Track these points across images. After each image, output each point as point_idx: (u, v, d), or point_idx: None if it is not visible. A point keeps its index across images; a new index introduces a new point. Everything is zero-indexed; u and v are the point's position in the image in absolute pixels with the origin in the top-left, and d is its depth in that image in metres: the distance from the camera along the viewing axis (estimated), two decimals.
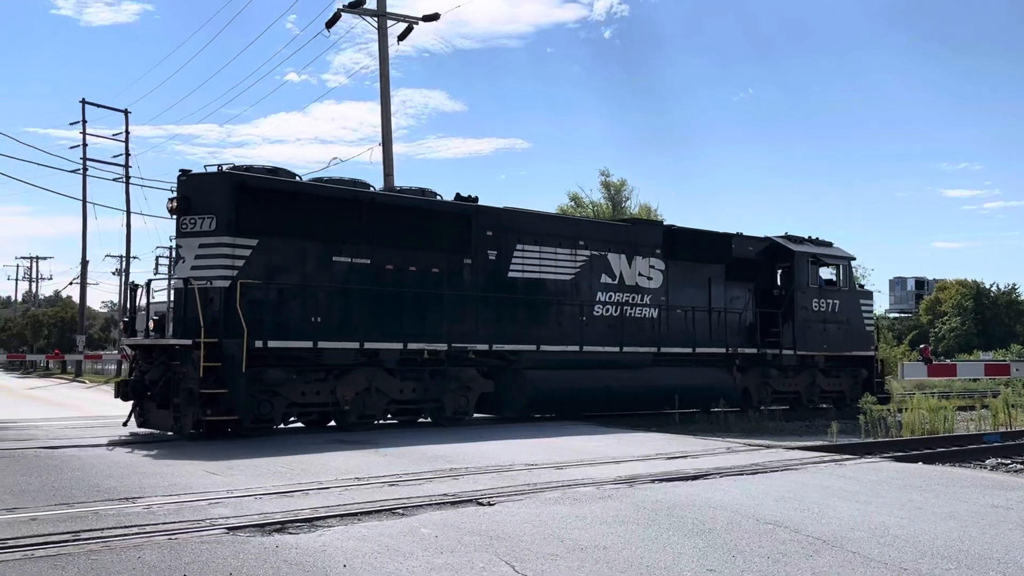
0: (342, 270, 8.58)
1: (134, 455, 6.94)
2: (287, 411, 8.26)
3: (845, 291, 12.74)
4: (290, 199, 8.55)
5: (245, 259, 7.83)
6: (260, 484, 5.13)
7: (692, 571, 3.01)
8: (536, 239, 10.08)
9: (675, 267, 11.25)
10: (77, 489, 4.99)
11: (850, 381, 12.85)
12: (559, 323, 10.15)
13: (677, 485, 5.39)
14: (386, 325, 8.63)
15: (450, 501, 4.46)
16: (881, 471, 6.57)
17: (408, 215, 9.22)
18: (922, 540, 3.66)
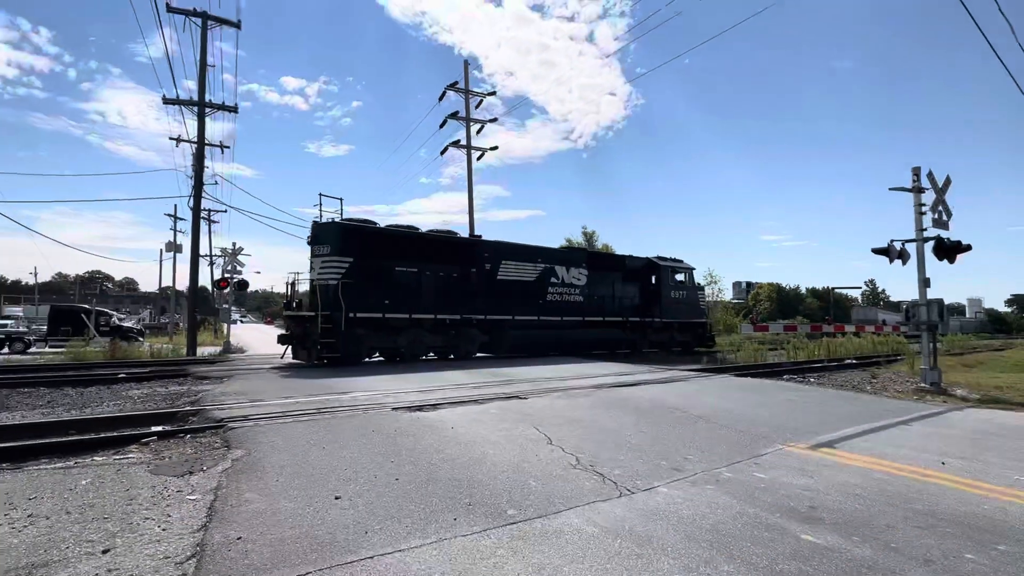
0: (401, 274, 14.12)
1: (335, 371, 12.40)
2: (370, 351, 13.88)
3: (689, 286, 21.18)
4: (371, 235, 14.06)
5: (346, 269, 13.12)
6: (407, 387, 8.62)
7: (631, 431, 5.96)
8: (514, 258, 16.64)
9: (594, 273, 18.52)
10: (316, 387, 8.03)
11: (691, 336, 21.39)
12: (527, 304, 16.65)
13: (623, 389, 8.90)
14: (424, 305, 14.32)
15: (505, 396, 7.76)
16: (729, 381, 10.61)
17: (439, 244, 15.30)
18: (751, 417, 6.67)
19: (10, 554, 2.77)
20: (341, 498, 3.57)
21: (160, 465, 4.38)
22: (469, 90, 25.90)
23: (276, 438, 5.17)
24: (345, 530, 3.07)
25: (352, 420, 6.08)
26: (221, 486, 3.80)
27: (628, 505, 3.57)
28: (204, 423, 5.86)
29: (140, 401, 8.09)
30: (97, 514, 3.31)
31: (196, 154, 19.16)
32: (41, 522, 3.19)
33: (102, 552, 2.78)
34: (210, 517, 3.24)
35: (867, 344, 23.50)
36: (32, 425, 5.89)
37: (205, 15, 18.86)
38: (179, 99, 19.07)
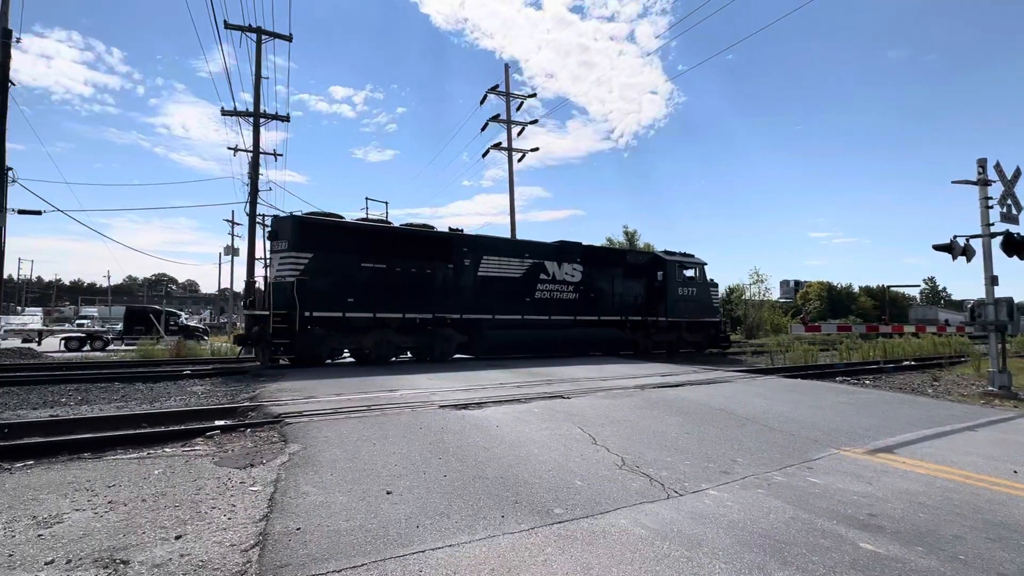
0: (368, 271, 13.25)
1: (383, 370, 12.84)
2: (332, 352, 13.11)
3: (700, 283, 19.66)
4: (333, 230, 13.11)
5: (304, 265, 12.42)
6: (453, 385, 8.81)
7: (676, 432, 5.86)
8: (497, 253, 15.62)
9: (590, 269, 17.43)
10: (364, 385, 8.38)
11: (703, 336, 19.92)
12: (511, 302, 15.55)
13: (667, 389, 8.78)
14: (393, 303, 13.49)
15: (548, 395, 7.79)
16: (777, 382, 10.21)
17: (411, 239, 14.25)
18: (803, 419, 6.49)
19: (93, 537, 3.00)
20: (392, 493, 3.69)
21: (224, 458, 4.63)
22: (510, 93, 26.04)
23: (329, 433, 5.37)
24: (397, 524, 3.17)
25: (400, 417, 6.24)
26: (280, 479, 3.99)
27: (676, 507, 3.54)
28: (262, 418, 6.14)
29: (203, 396, 8.53)
30: (169, 502, 3.53)
31: (252, 162, 20.03)
32: (120, 508, 3.44)
33: (175, 538, 2.98)
34: (271, 508, 3.40)
35: (927, 345, 22.24)
36: (110, 418, 6.33)
37: (259, 30, 19.69)
38: (236, 111, 19.98)
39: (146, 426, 6.03)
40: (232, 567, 2.64)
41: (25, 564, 2.67)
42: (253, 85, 19.80)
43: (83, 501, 3.56)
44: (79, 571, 2.61)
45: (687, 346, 19.63)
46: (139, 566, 2.64)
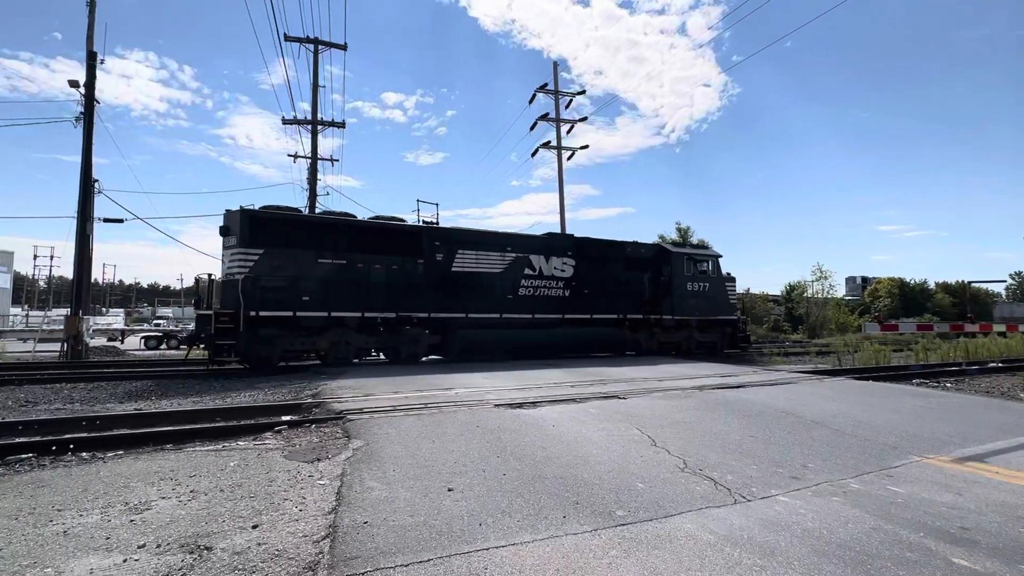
0: (326, 267, 12.46)
1: (435, 368, 13.14)
2: (285, 354, 12.21)
3: (714, 277, 17.97)
4: (286, 224, 12.38)
5: (255, 262, 11.72)
6: (507, 384, 8.92)
7: (740, 435, 5.62)
8: (474, 247, 14.48)
9: (584, 263, 16.04)
10: (420, 383, 8.61)
11: (719, 336, 18.17)
12: (490, 299, 14.43)
13: (727, 391, 8.49)
14: (352, 301, 12.61)
15: (603, 395, 7.70)
16: (847, 384, 9.61)
17: (375, 233, 13.37)
18: (878, 424, 6.10)
19: (179, 524, 3.19)
20: (454, 490, 3.73)
21: (292, 452, 4.83)
22: (558, 91, 25.93)
23: (390, 430, 5.50)
24: (460, 521, 3.20)
25: (457, 415, 6.32)
26: (345, 473, 4.11)
27: (745, 513, 3.41)
28: (326, 415, 6.37)
29: (269, 392, 8.95)
30: (245, 493, 3.71)
31: (310, 168, 20.87)
32: (201, 497, 3.64)
33: (252, 527, 3.12)
34: (339, 501, 3.52)
35: (1017, 345, 20.49)
36: (187, 412, 6.74)
37: (316, 41, 20.48)
38: (296, 119, 20.86)
39: (220, 420, 6.37)
40: (305, 557, 2.74)
41: (121, 547, 2.87)
42: (311, 94, 20.60)
43: (168, 490, 3.80)
44: (168, 555, 2.77)
45: (699, 347, 17.91)
46: (221, 552, 2.79)
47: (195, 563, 2.68)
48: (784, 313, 43.11)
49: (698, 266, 17.76)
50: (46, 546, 2.88)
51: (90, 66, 18.16)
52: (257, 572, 2.59)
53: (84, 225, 17.69)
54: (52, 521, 3.23)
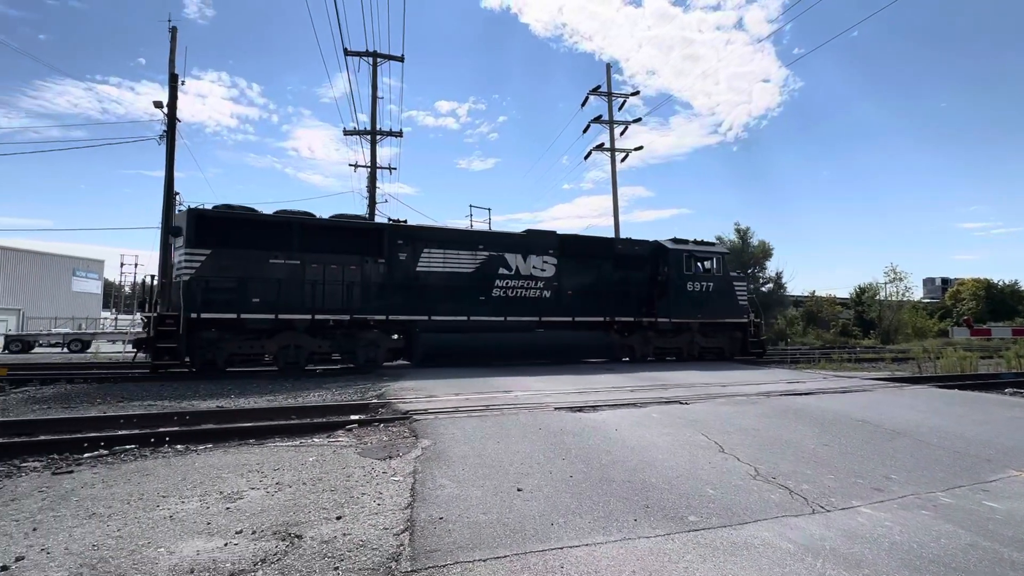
0: (278, 268, 11.94)
1: (492, 371, 13.07)
2: (233, 357, 11.80)
3: (720, 276, 16.37)
4: (236, 223, 11.91)
5: (201, 263, 11.35)
6: (565, 388, 8.98)
7: (813, 444, 5.38)
8: (441, 245, 13.63)
9: (567, 262, 14.87)
10: (480, 386, 8.84)
11: (727, 340, 16.60)
12: (458, 300, 13.49)
13: (796, 397, 8.15)
14: (304, 303, 12.04)
15: (664, 400, 7.60)
16: (929, 392, 8.95)
17: (332, 231, 12.71)
18: (967, 436, 5.68)
19: (270, 513, 3.41)
20: (523, 490, 3.80)
21: (365, 449, 5.04)
22: (611, 93, 25.73)
23: (455, 430, 5.64)
24: (532, 520, 3.26)
25: (518, 417, 6.40)
26: (417, 471, 4.26)
27: (825, 523, 3.29)
28: (392, 415, 6.60)
29: (337, 391, 9.34)
30: (326, 486, 3.92)
31: (370, 176, 21.65)
32: (286, 489, 3.87)
33: (336, 518, 3.30)
34: (413, 497, 3.65)
35: None
36: (265, 409, 7.15)
37: (375, 54, 21.26)
38: (356, 130, 21.72)
39: (295, 418, 6.73)
40: (388, 548, 2.88)
41: (220, 532, 3.11)
42: (370, 105, 21.39)
43: (256, 481, 4.06)
44: (263, 541, 2.98)
45: (704, 352, 16.50)
46: (311, 541, 2.97)
47: (288, 549, 2.87)
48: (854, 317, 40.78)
49: (701, 264, 16.31)
50: (156, 528, 3.16)
51: (172, 88, 19.58)
52: (345, 560, 2.74)
53: (167, 235, 19.07)
54: (159, 506, 3.53)
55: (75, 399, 8.59)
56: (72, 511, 3.46)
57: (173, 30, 19.48)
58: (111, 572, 2.62)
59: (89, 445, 5.09)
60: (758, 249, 35.80)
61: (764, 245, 36.09)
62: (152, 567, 2.67)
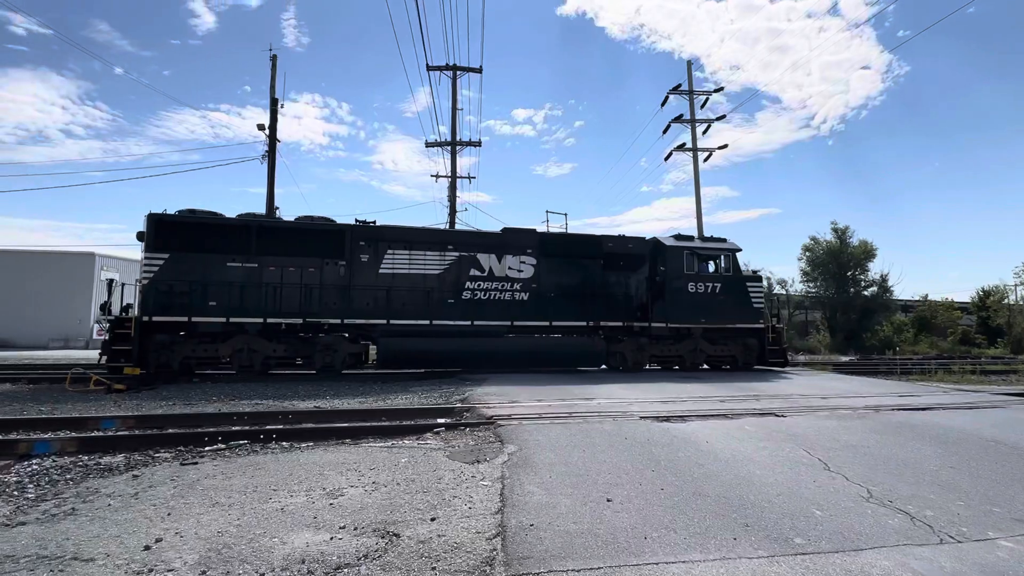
0: (235, 271, 11.87)
1: (573, 378, 12.94)
2: (188, 361, 11.72)
3: (729, 276, 14.55)
4: (193, 228, 11.91)
5: (159, 267, 11.48)
6: (649, 396, 8.83)
7: (935, 465, 4.82)
8: (407, 246, 12.98)
9: (548, 262, 13.77)
10: (561, 393, 8.94)
11: (740, 348, 14.65)
12: (424, 303, 12.79)
13: (912, 413, 7.40)
14: (259, 307, 11.86)
15: (759, 412, 7.20)
16: None
17: (291, 233, 12.49)
18: None
19: (369, 511, 3.58)
20: (612, 501, 3.73)
21: (453, 452, 5.18)
22: (692, 91, 24.90)
23: (540, 437, 5.65)
24: (624, 532, 3.19)
25: (603, 426, 6.30)
26: (505, 476, 4.31)
27: (956, 555, 2.96)
28: (477, 419, 6.73)
29: (422, 396, 9.68)
30: (418, 487, 4.06)
31: (450, 186, 22.33)
32: (382, 488, 4.06)
33: (430, 520, 3.41)
34: (503, 503, 3.70)
35: None
36: (357, 411, 7.54)
37: (455, 67, 21.96)
38: (437, 142, 22.51)
39: (385, 420, 7.04)
40: (481, 552, 2.93)
41: (326, 526, 3.31)
42: (451, 117, 22.07)
43: (355, 479, 4.29)
44: (364, 537, 3.14)
45: (714, 361, 14.96)
46: (408, 540, 3.08)
47: (388, 547, 3.00)
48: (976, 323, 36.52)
49: (705, 263, 14.61)
50: (270, 520, 3.42)
51: (272, 111, 21.27)
52: (441, 561, 2.82)
53: None
54: (271, 499, 3.82)
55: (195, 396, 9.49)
56: (198, 499, 3.82)
57: (273, 58, 21.18)
58: (234, 558, 2.86)
59: (209, 439, 5.61)
60: (858, 249, 32.99)
61: (866, 245, 33.24)
62: (268, 555, 2.89)
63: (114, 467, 4.73)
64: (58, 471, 4.60)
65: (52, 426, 6.34)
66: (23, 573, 2.70)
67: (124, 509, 3.64)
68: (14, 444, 5.14)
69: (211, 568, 2.74)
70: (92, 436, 5.61)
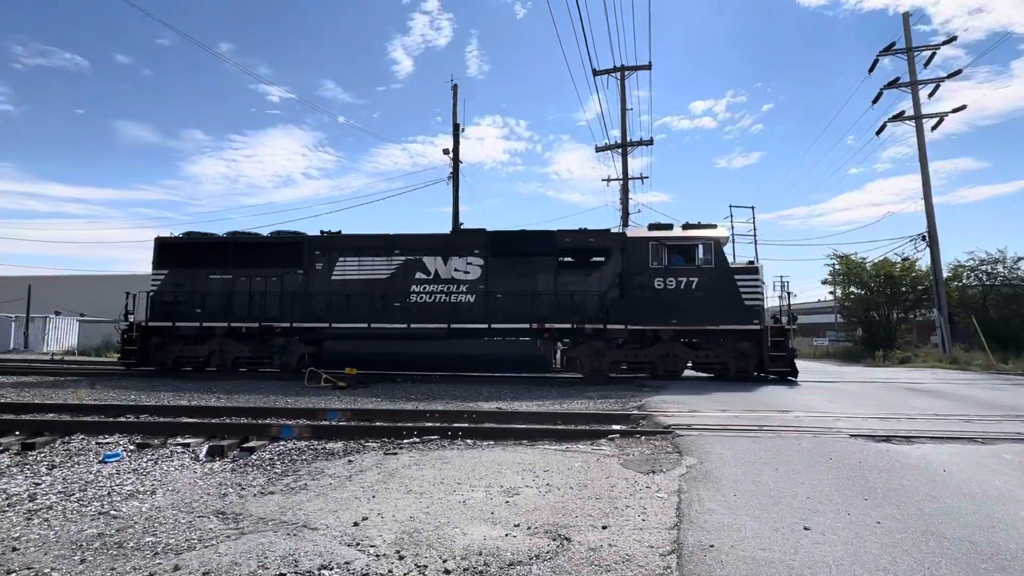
0: (215, 282, 13.94)
1: (763, 386, 12.60)
2: (179, 359, 14.10)
3: (709, 268, 12.62)
4: (185, 247, 14.40)
5: (160, 281, 14.13)
6: (861, 410, 7.71)
7: None
8: (356, 252, 13.76)
9: (497, 262, 13.30)
10: (750, 402, 8.42)
11: (732, 354, 12.73)
12: (370, 308, 13.26)
13: None
14: (229, 313, 13.70)
15: (1022, 437, 5.71)
16: None
17: (254, 248, 14.23)
18: None
19: (541, 512, 3.66)
20: (811, 530, 3.25)
21: (627, 461, 5.04)
22: (911, 47, 20.89)
23: (724, 450, 5.20)
24: (826, 568, 2.75)
25: (800, 442, 5.56)
26: (682, 490, 4.05)
27: None
28: (653, 428, 6.46)
29: (598, 401, 9.64)
30: (591, 494, 4.03)
31: (622, 188, 22.08)
32: (555, 491, 4.11)
33: (601, 527, 3.35)
34: (679, 518, 3.47)
35: None
36: (535, 414, 7.81)
37: (622, 68, 21.71)
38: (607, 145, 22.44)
39: (560, 423, 7.15)
40: (654, 568, 2.78)
41: (502, 523, 3.46)
42: (620, 118, 21.80)
43: (529, 480, 4.43)
44: (536, 537, 3.21)
45: (702, 368, 13.08)
46: (578, 545, 3.07)
47: (559, 550, 3.02)
48: None
49: (677, 255, 12.77)
50: (453, 511, 3.70)
51: (455, 136, 23.37)
52: (612, 572, 2.75)
53: None
54: (454, 492, 4.14)
55: (397, 394, 10.78)
56: (397, 486, 4.30)
57: (454, 88, 23.30)
58: (423, 542, 3.15)
59: (406, 433, 6.31)
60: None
61: None
62: (451, 544, 3.12)
63: (335, 452, 5.59)
64: (297, 452, 5.60)
65: (293, 415, 7.74)
66: (269, 533, 3.32)
67: (340, 488, 4.27)
68: (268, 428, 6.39)
69: (404, 548, 3.06)
70: (321, 424, 6.72)
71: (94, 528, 3.52)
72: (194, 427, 6.47)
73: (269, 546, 3.08)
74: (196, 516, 3.71)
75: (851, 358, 23.97)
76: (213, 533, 3.37)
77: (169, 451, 5.65)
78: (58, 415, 7.41)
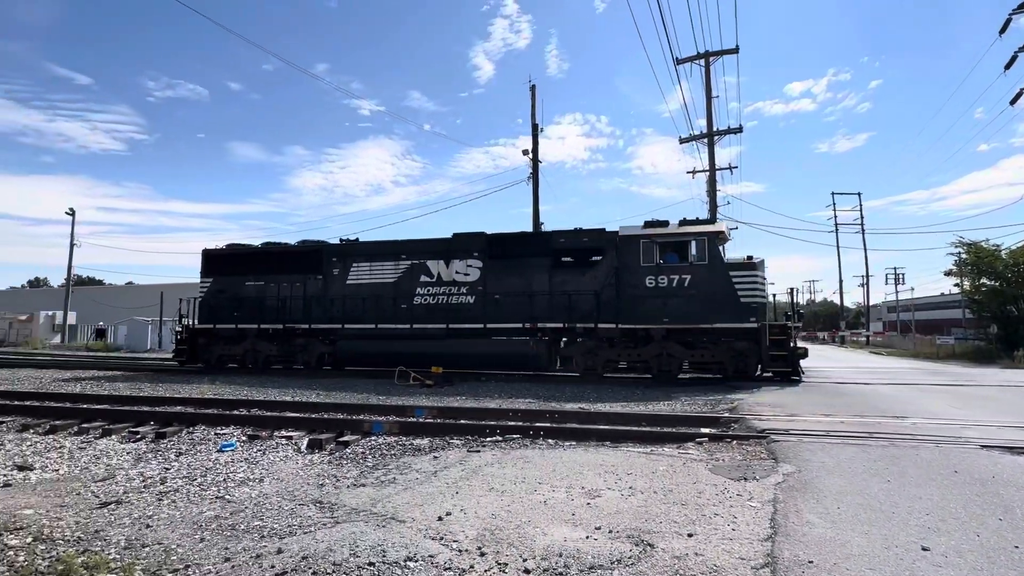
0: (251, 288, 15.49)
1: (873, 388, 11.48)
2: (221, 357, 15.65)
3: (703, 265, 12.14)
4: (226, 257, 16.00)
5: (207, 288, 15.85)
6: (995, 418, 6.89)
7: None
8: (368, 258, 14.80)
9: (494, 264, 13.72)
10: (860, 406, 7.82)
11: (726, 353, 12.16)
12: (380, 309, 14.16)
13: None
14: (261, 316, 15.18)
15: None
16: None
17: (283, 256, 15.64)
18: None
19: (624, 515, 3.56)
20: (930, 551, 2.91)
21: (716, 466, 4.79)
22: None
23: (825, 459, 4.80)
24: None
25: (919, 453, 5.01)
26: (778, 499, 3.79)
27: None
28: (746, 431, 6.10)
29: (686, 403, 9.26)
30: (676, 499, 3.88)
31: (709, 179, 21.05)
32: (638, 495, 4.00)
33: (687, 535, 3.21)
34: (774, 530, 3.24)
35: None
36: (620, 415, 7.65)
37: (707, 54, 20.72)
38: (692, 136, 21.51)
39: (645, 425, 6.95)
40: None
41: (583, 524, 3.42)
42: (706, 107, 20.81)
43: (612, 482, 4.34)
44: (618, 542, 3.13)
45: (701, 368, 12.60)
46: (662, 552, 2.96)
47: (641, 556, 2.93)
48: None
49: (670, 252, 12.45)
50: (534, 510, 3.70)
51: (534, 136, 23.43)
52: None
53: None
54: (535, 491, 4.14)
55: (481, 392, 10.99)
56: (479, 483, 4.39)
57: (532, 88, 23.37)
58: (503, 540, 3.18)
59: (489, 431, 6.41)
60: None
61: None
62: (531, 543, 3.12)
63: (421, 448, 5.81)
64: (386, 447, 5.88)
65: (384, 412, 8.13)
66: (360, 524, 3.51)
67: (426, 483, 4.42)
68: (361, 423, 6.76)
69: (486, 545, 3.11)
70: (409, 421, 7.01)
71: (212, 511, 3.90)
72: (296, 421, 7.00)
73: (360, 536, 3.26)
74: (297, 504, 4.00)
75: (983, 358, 21.21)
76: (311, 520, 3.61)
77: (275, 443, 6.15)
78: (184, 408, 8.31)
